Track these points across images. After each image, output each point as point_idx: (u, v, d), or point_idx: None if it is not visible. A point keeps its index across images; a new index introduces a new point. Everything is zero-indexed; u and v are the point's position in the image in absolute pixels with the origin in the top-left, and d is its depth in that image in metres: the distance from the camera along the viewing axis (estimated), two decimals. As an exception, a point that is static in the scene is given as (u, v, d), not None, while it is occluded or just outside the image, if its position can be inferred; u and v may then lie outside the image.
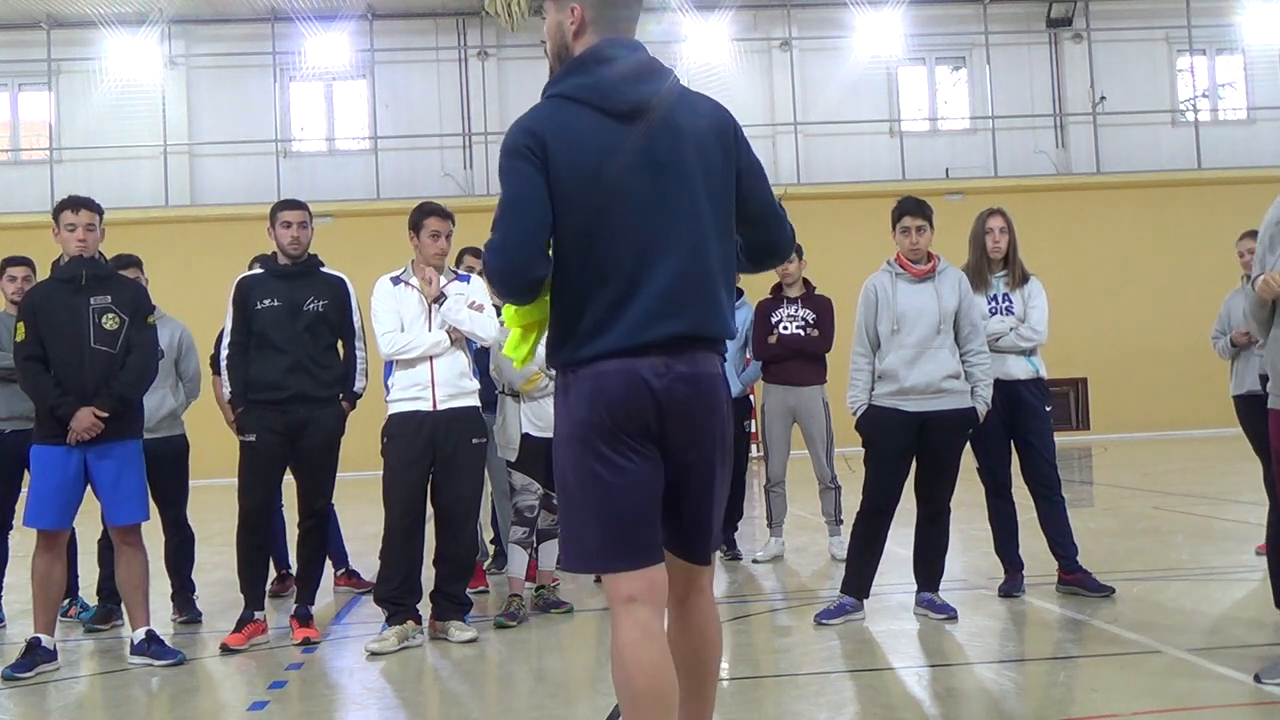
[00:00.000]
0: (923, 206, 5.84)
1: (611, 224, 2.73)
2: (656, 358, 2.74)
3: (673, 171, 2.77)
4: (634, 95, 2.77)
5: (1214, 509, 10.23)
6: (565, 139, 2.72)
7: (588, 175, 2.72)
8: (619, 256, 2.73)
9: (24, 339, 5.49)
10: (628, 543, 2.76)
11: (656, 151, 2.77)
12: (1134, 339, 21.43)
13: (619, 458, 2.74)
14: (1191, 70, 23.35)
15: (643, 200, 2.75)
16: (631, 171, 2.74)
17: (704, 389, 2.81)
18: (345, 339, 6.06)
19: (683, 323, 2.76)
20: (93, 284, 5.52)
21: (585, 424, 2.75)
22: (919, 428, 5.68)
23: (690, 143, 2.80)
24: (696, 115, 2.86)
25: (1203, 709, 4.12)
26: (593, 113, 2.75)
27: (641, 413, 2.74)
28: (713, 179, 2.83)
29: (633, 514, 2.76)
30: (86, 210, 5.53)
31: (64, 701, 5.06)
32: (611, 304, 2.73)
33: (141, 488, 5.62)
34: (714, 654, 2.97)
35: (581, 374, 2.77)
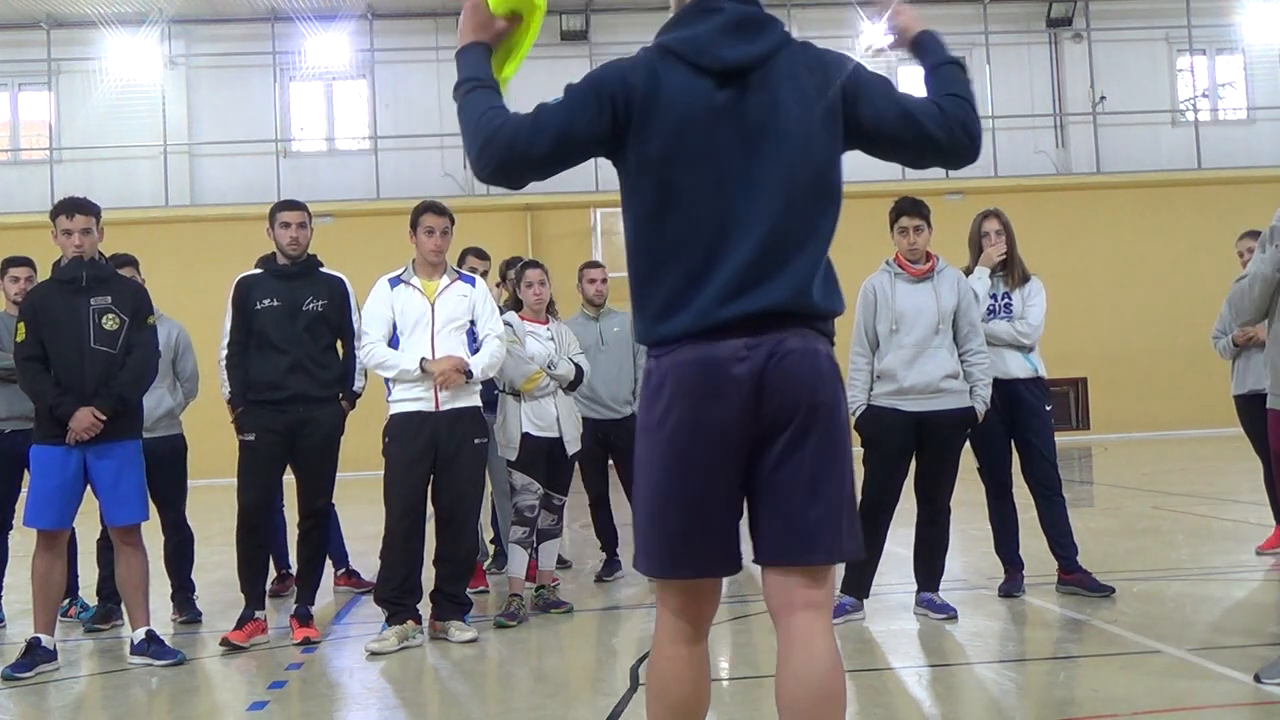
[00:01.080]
0: (920, 206, 5.84)
1: (692, 189, 2.52)
2: (737, 339, 2.48)
3: (767, 136, 2.53)
4: (732, 53, 2.54)
5: (1214, 509, 10.23)
6: (654, 94, 2.53)
7: (671, 135, 2.52)
8: (698, 224, 2.52)
9: (24, 339, 5.50)
10: (686, 551, 2.55)
11: (750, 114, 2.53)
12: (1134, 339, 21.43)
13: (698, 459, 2.51)
14: (1191, 70, 23.35)
15: (729, 166, 2.52)
16: (720, 136, 2.52)
17: (794, 367, 2.50)
18: (344, 339, 6.07)
19: (768, 298, 2.49)
20: (93, 284, 5.52)
21: (661, 419, 2.53)
22: (918, 427, 5.68)
23: (792, 105, 2.55)
24: (801, 72, 2.59)
25: (1203, 709, 4.12)
26: (688, 69, 2.54)
27: (721, 404, 2.48)
28: (815, 143, 2.57)
29: (706, 520, 2.53)
30: (82, 215, 5.52)
31: (64, 701, 5.06)
32: (689, 276, 2.52)
33: (141, 488, 5.62)
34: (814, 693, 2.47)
35: (662, 362, 2.55)
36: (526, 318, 6.47)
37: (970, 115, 2.70)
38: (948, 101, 2.72)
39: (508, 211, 20.62)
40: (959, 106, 2.71)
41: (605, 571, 7.50)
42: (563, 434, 6.35)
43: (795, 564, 2.54)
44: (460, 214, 6.40)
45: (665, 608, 2.64)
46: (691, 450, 2.51)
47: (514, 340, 6.26)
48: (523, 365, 6.24)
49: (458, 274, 6.06)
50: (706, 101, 2.53)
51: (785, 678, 2.51)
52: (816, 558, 2.54)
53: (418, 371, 5.70)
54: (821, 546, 2.54)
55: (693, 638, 2.63)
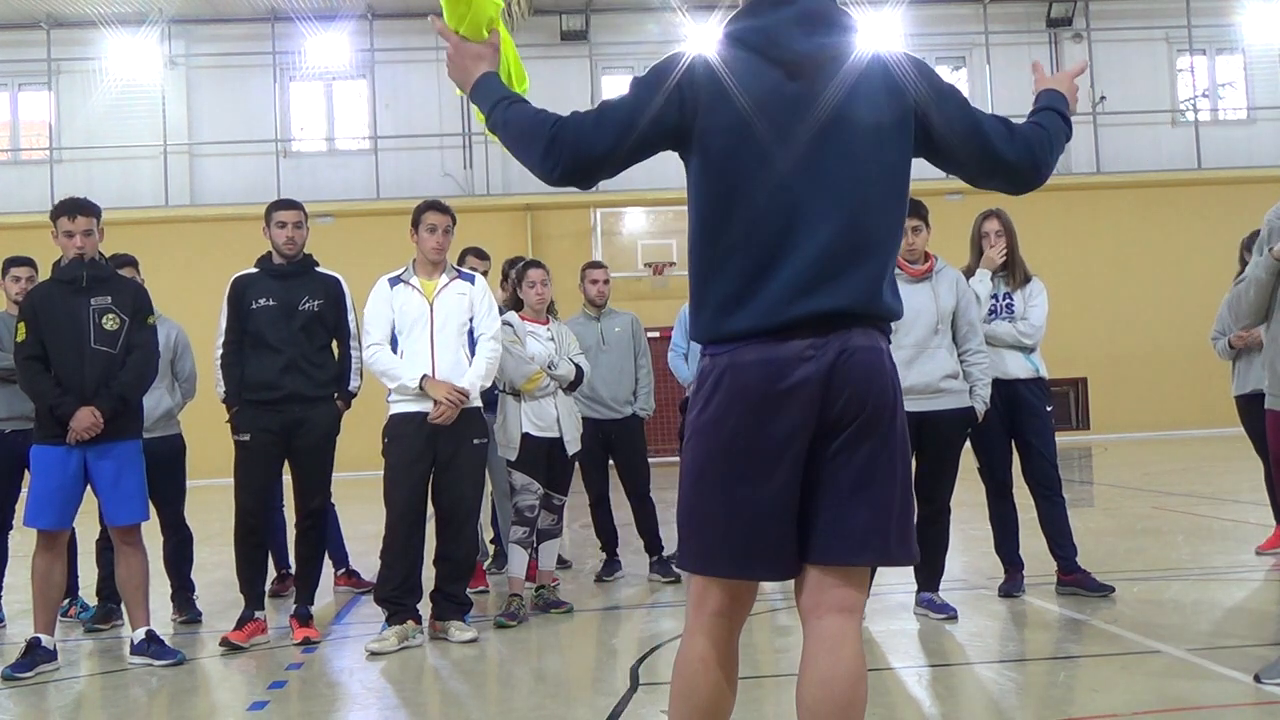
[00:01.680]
0: (919, 207, 5.83)
1: (759, 183, 2.47)
2: (802, 340, 2.44)
3: (839, 131, 2.49)
4: (804, 45, 2.50)
5: (1214, 509, 10.22)
6: (723, 85, 2.49)
7: (739, 127, 2.47)
8: (765, 219, 2.46)
9: (24, 339, 5.50)
10: (742, 553, 2.49)
11: (820, 109, 2.48)
12: (1134, 339, 21.43)
13: (747, 465, 2.45)
14: (1191, 70, 23.35)
15: (797, 161, 2.47)
16: (789, 128, 2.47)
17: (860, 366, 2.45)
18: (340, 339, 6.07)
19: (834, 298, 2.44)
20: (93, 285, 5.52)
21: (718, 421, 2.48)
22: (918, 428, 5.66)
23: (863, 101, 2.51)
24: (873, 70, 2.55)
25: (1203, 709, 4.12)
26: (759, 60, 2.50)
27: (789, 409, 2.43)
28: (888, 140, 2.54)
29: (749, 523, 2.47)
30: (84, 216, 5.52)
31: (64, 701, 5.06)
32: (753, 272, 2.46)
33: (141, 488, 5.62)
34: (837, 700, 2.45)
35: (720, 360, 2.49)
36: (527, 318, 6.47)
37: (1043, 143, 2.66)
38: (1027, 126, 2.70)
39: (508, 211, 20.63)
40: (1035, 131, 2.69)
41: (605, 571, 7.50)
42: (563, 434, 6.35)
43: (840, 564, 2.50)
44: (460, 214, 6.40)
45: (703, 608, 2.58)
46: (751, 453, 2.46)
47: (514, 340, 6.26)
48: (523, 365, 6.24)
49: (457, 272, 6.06)
50: (777, 92, 2.49)
51: (809, 679, 2.49)
52: (864, 558, 2.51)
53: (418, 388, 5.70)
54: (870, 548, 2.50)
55: (727, 639, 2.59)
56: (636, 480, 7.46)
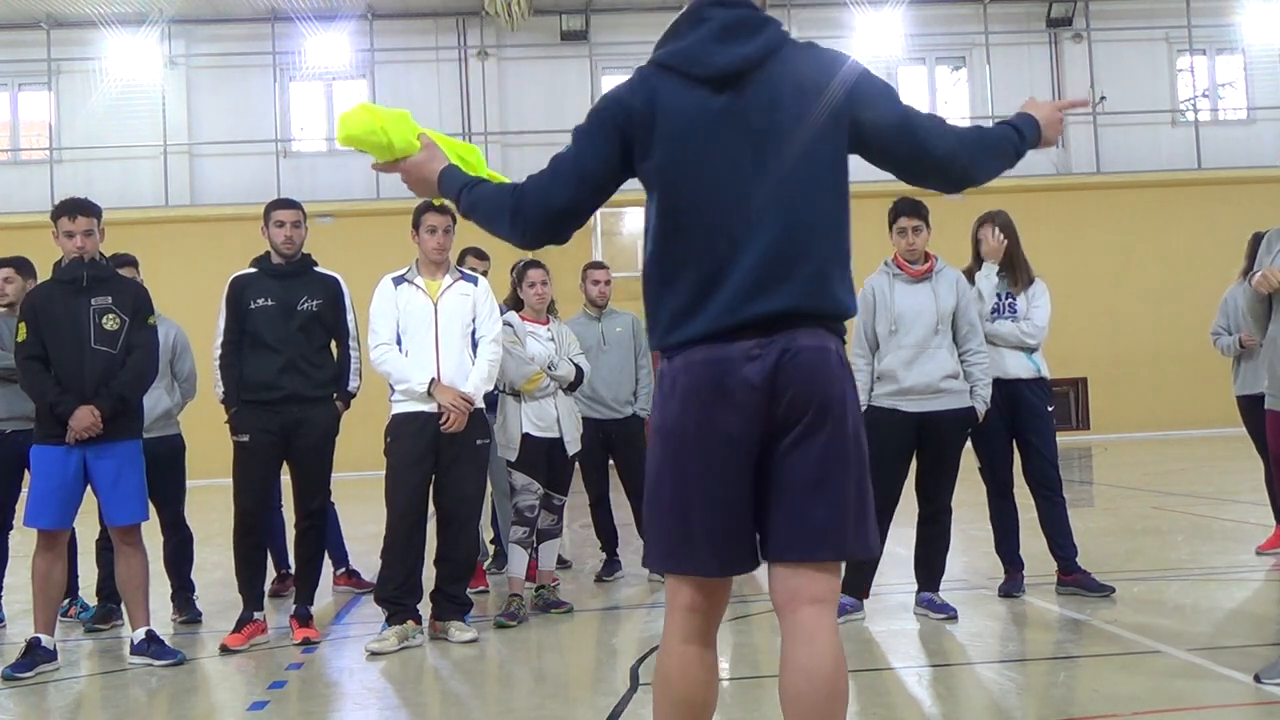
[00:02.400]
0: (919, 207, 5.84)
1: (699, 199, 2.56)
2: (748, 340, 2.51)
3: (769, 137, 2.55)
4: (724, 59, 2.56)
5: (1214, 509, 10.22)
6: (654, 111, 2.57)
7: (673, 147, 2.56)
8: (709, 233, 2.55)
9: (25, 339, 5.50)
10: (700, 547, 2.56)
11: (750, 117, 2.55)
12: (1134, 339, 21.42)
13: (710, 459, 2.53)
14: (1191, 70, 23.34)
15: (734, 172, 2.54)
16: (721, 141, 2.55)
17: (804, 365, 2.51)
18: (339, 339, 6.06)
19: (777, 300, 2.52)
20: (93, 285, 5.52)
21: (674, 421, 2.57)
22: (918, 428, 5.68)
23: (791, 103, 2.56)
24: (800, 72, 2.59)
25: (1203, 709, 4.12)
26: (683, 80, 2.57)
27: (736, 402, 2.51)
28: (819, 140, 2.58)
29: (719, 519, 2.54)
30: (84, 216, 5.52)
31: (64, 701, 5.06)
32: (702, 285, 2.54)
33: (141, 488, 5.62)
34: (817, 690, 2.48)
35: (675, 363, 2.59)
36: (527, 318, 6.47)
37: (980, 145, 2.70)
38: (967, 127, 2.74)
39: (508, 211, 20.61)
40: (973, 132, 2.73)
41: (605, 571, 7.50)
42: (563, 434, 6.35)
43: (799, 560, 2.55)
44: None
45: (676, 604, 2.64)
46: (705, 449, 2.53)
47: (514, 341, 6.26)
48: (523, 366, 6.24)
49: (460, 274, 6.06)
50: (703, 109, 2.56)
51: (789, 672, 2.52)
52: (822, 554, 2.55)
53: (425, 393, 5.70)
54: (828, 543, 2.54)
55: (703, 634, 2.63)
56: (636, 480, 7.46)
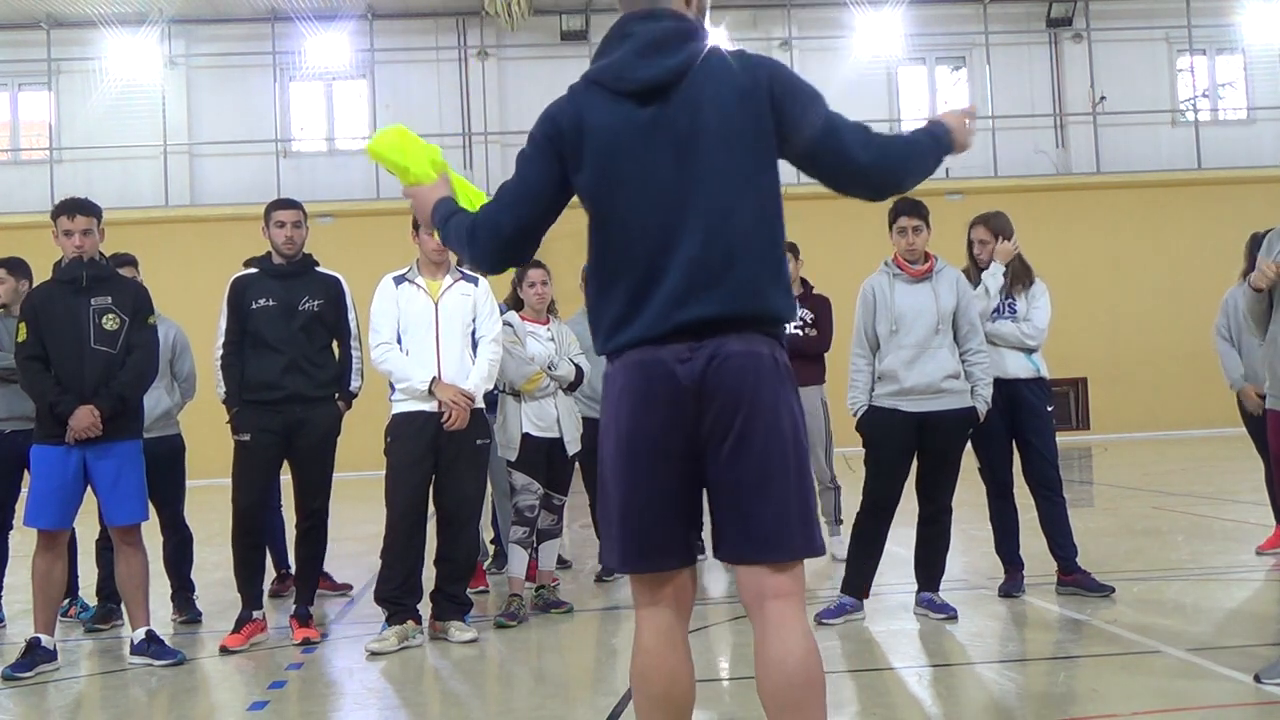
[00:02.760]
0: (919, 207, 5.84)
1: (629, 210, 2.64)
2: (680, 344, 2.59)
3: (694, 146, 2.61)
4: (646, 72, 2.63)
5: (1214, 509, 10.22)
6: (581, 127, 2.66)
7: (601, 161, 2.65)
8: (639, 243, 2.63)
9: (25, 339, 5.50)
10: (649, 544, 2.65)
11: (674, 127, 2.62)
12: (1134, 339, 21.42)
13: (644, 456, 2.61)
14: (1191, 70, 23.34)
15: (661, 182, 2.62)
16: (647, 154, 2.62)
17: (733, 370, 2.58)
18: (341, 339, 6.06)
19: (706, 307, 2.58)
20: (93, 285, 5.52)
21: (617, 418, 2.66)
22: (919, 428, 5.68)
23: (714, 111, 2.63)
24: (724, 79, 2.66)
25: (1203, 709, 4.12)
26: (610, 96, 2.66)
27: (668, 403, 2.59)
28: (745, 145, 2.64)
29: (655, 515, 2.63)
30: (84, 215, 5.52)
31: (64, 701, 5.06)
32: (635, 294, 2.63)
33: (141, 488, 5.62)
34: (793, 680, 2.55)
35: (615, 366, 2.69)
36: (527, 318, 6.47)
37: (903, 152, 2.75)
38: (892, 136, 2.78)
39: (508, 211, 20.61)
40: (894, 140, 2.77)
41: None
42: (563, 434, 6.35)
43: (748, 564, 2.63)
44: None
45: (641, 600, 2.71)
46: (642, 448, 2.62)
47: (514, 341, 6.26)
48: (523, 366, 6.24)
49: (461, 274, 6.06)
50: (629, 123, 2.64)
51: (763, 665, 2.59)
52: (769, 556, 2.61)
53: (426, 391, 5.70)
54: (775, 546, 2.61)
55: (671, 627, 2.69)
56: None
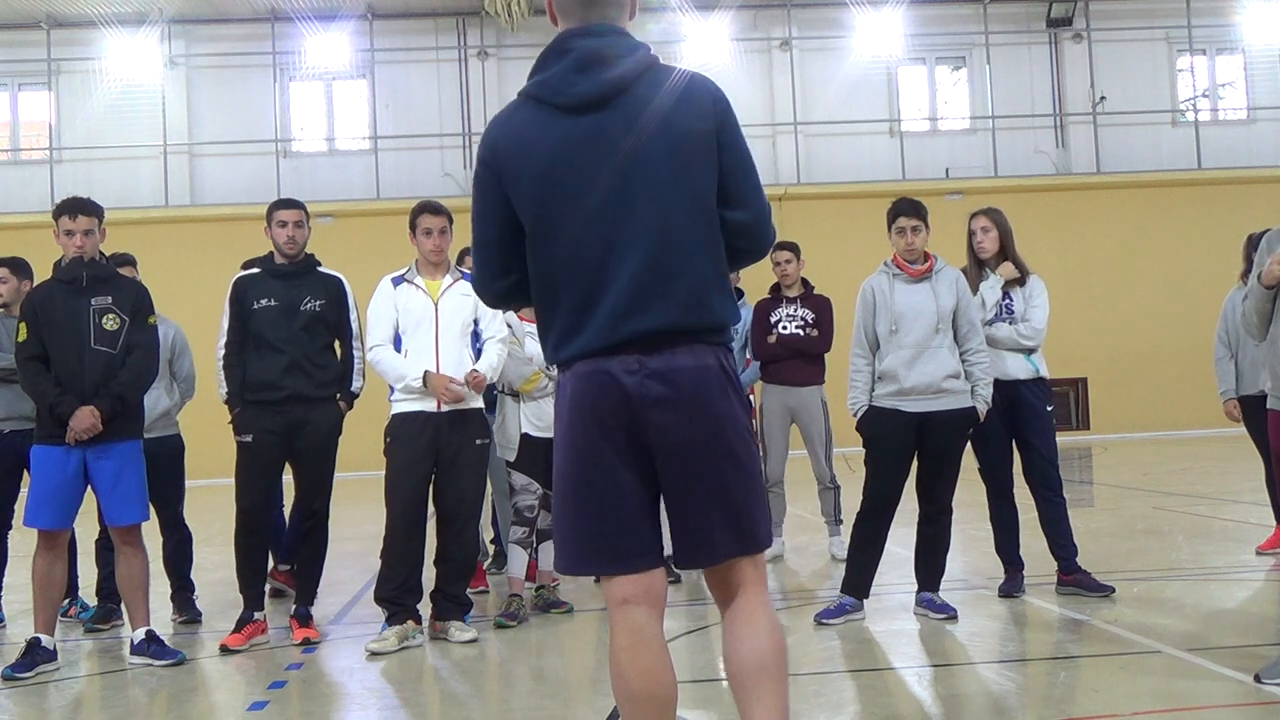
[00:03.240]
0: (918, 207, 5.84)
1: (570, 223, 2.66)
2: (629, 355, 2.64)
3: (633, 159, 2.64)
4: (585, 86, 2.66)
5: (1214, 509, 10.23)
6: (517, 142, 2.70)
7: (540, 176, 2.67)
8: (582, 255, 2.66)
9: (25, 339, 5.50)
10: (617, 546, 2.69)
11: (613, 141, 2.65)
12: (1134, 339, 21.43)
13: (603, 461, 2.67)
14: (1191, 70, 23.36)
15: (602, 195, 2.65)
16: (587, 167, 2.65)
17: (684, 383, 2.64)
18: (342, 339, 6.06)
19: (656, 317, 2.63)
20: (94, 285, 5.52)
21: (570, 427, 2.71)
22: (919, 428, 5.68)
23: (654, 124, 2.66)
24: (664, 93, 2.69)
25: (1203, 709, 4.12)
26: (548, 110, 2.69)
27: (616, 413, 2.64)
28: (684, 158, 2.67)
29: (619, 517, 2.68)
30: (85, 216, 5.51)
31: (64, 701, 5.06)
32: (580, 305, 2.67)
33: (142, 488, 5.62)
34: (764, 660, 2.70)
35: (565, 375, 2.74)
36: (526, 318, 6.46)
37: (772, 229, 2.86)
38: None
39: (508, 211, 20.60)
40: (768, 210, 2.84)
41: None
42: (562, 434, 6.34)
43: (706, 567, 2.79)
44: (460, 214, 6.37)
45: (613, 602, 2.74)
46: (597, 455, 2.67)
47: (513, 341, 6.26)
48: (522, 366, 6.24)
49: (461, 274, 6.06)
50: (568, 137, 2.66)
51: (729, 649, 2.72)
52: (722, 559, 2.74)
53: (421, 384, 5.70)
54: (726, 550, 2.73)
55: (644, 626, 2.71)
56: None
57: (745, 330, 8.11)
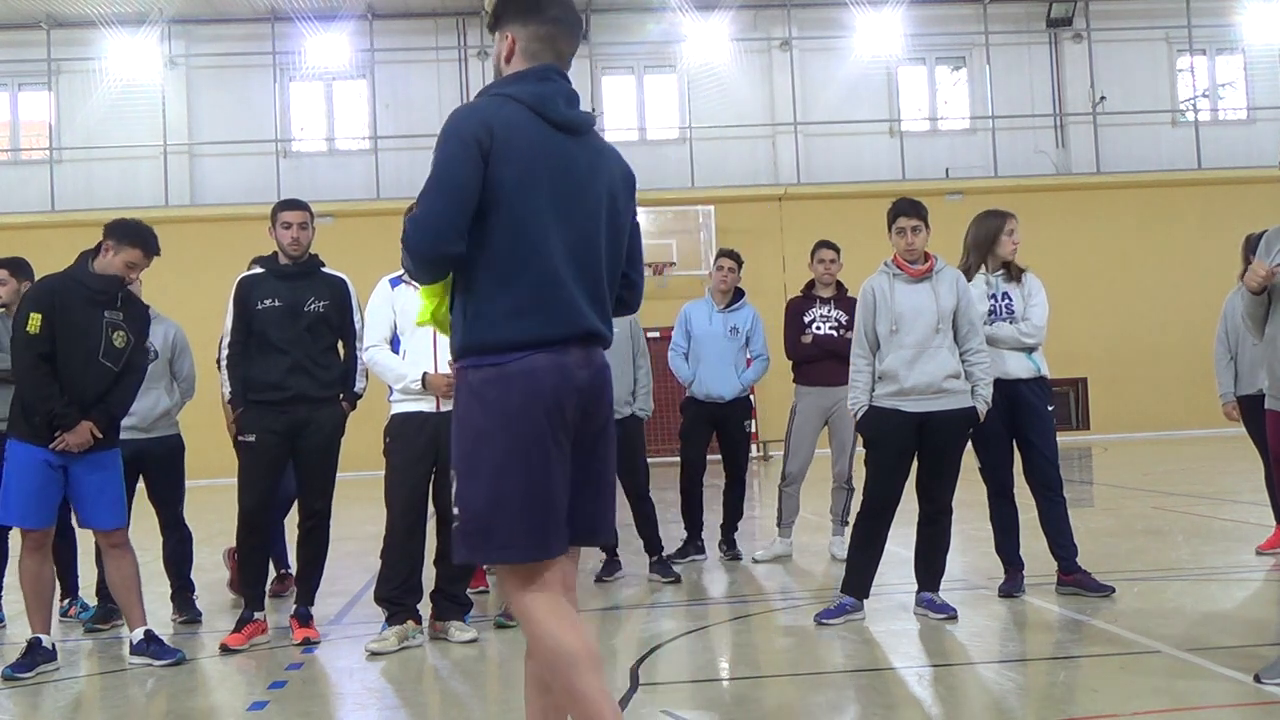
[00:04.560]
0: (918, 207, 5.84)
1: (540, 219, 2.87)
2: (579, 351, 2.90)
3: (591, 188, 2.97)
4: (567, 113, 2.97)
5: (1214, 509, 10.23)
6: (510, 131, 2.87)
7: (524, 163, 2.86)
8: (545, 249, 2.87)
9: (38, 334, 5.31)
10: (550, 533, 2.86)
11: (581, 164, 2.96)
12: (1134, 339, 21.43)
13: (550, 448, 2.84)
14: (1191, 70, 23.37)
15: (568, 202, 2.92)
16: (561, 170, 2.92)
17: (606, 382, 2.99)
18: (345, 339, 6.06)
19: (598, 320, 2.95)
20: (110, 299, 5.46)
21: (521, 413, 2.82)
22: (919, 428, 5.68)
23: (604, 174, 3.02)
24: (608, 154, 3.08)
25: (1203, 709, 4.12)
26: (533, 115, 2.92)
27: (568, 403, 2.87)
28: (616, 207, 3.04)
29: (558, 504, 2.87)
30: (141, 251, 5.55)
31: (64, 701, 5.06)
32: (536, 291, 2.85)
33: (122, 493, 5.56)
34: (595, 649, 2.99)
35: (511, 367, 2.83)
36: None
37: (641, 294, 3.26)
38: None
39: (508, 211, 20.61)
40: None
41: (605, 572, 7.50)
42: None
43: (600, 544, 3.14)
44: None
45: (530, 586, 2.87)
46: (552, 446, 2.85)
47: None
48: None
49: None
50: (550, 142, 2.92)
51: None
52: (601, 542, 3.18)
53: (419, 385, 5.69)
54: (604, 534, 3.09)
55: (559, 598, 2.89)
56: (636, 481, 7.46)
57: (745, 330, 8.11)
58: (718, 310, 8.15)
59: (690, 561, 7.97)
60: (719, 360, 8.01)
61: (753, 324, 8.16)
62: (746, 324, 8.12)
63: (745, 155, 21.92)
